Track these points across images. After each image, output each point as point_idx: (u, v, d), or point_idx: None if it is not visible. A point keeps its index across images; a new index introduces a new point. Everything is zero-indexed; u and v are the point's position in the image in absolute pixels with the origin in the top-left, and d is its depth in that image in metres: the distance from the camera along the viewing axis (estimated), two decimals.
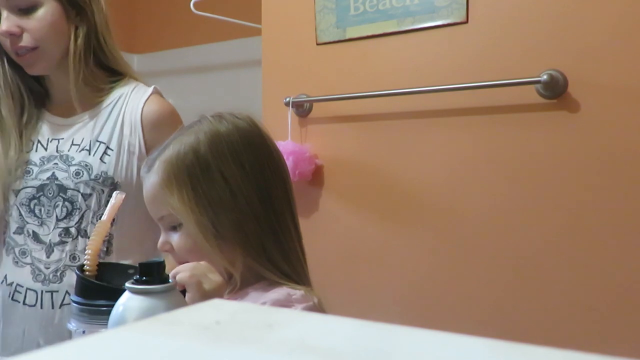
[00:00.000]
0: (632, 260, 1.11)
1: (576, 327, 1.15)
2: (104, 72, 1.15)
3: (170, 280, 0.58)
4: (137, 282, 0.56)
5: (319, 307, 0.72)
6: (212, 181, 0.73)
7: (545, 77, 1.14)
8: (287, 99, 1.45)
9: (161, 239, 0.77)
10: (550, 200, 1.18)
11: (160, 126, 1.09)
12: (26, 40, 1.04)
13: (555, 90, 1.17)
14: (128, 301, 0.56)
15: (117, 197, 0.76)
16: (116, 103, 1.11)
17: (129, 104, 1.10)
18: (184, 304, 0.59)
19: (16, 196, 1.09)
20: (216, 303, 0.33)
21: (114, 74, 1.16)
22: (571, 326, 1.16)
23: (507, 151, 1.23)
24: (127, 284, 0.56)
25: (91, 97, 1.12)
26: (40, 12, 1.04)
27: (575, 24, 1.16)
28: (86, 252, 0.71)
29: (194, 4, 1.97)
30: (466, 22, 1.26)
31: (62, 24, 1.07)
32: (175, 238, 0.75)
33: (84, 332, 0.63)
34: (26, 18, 1.04)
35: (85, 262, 0.70)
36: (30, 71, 1.09)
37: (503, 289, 1.23)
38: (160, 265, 0.58)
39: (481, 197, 1.26)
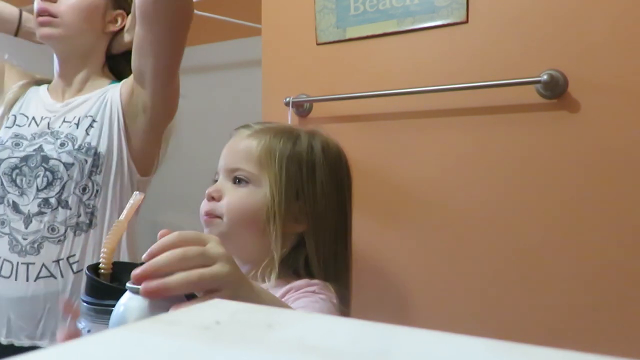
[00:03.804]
0: (633, 259, 1.11)
1: (576, 327, 1.15)
2: (110, 73, 1.24)
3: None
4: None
5: (334, 303, 0.77)
6: (312, 181, 0.84)
7: (545, 77, 1.14)
8: (287, 99, 1.45)
9: (214, 187, 0.84)
10: (551, 200, 1.18)
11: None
12: (52, 7, 1.13)
13: (555, 90, 1.17)
14: (129, 301, 0.56)
15: (135, 198, 0.76)
16: (109, 90, 1.17)
17: (117, 88, 1.17)
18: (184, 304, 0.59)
19: (0, 165, 1.10)
20: (216, 303, 0.33)
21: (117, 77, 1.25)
22: (571, 326, 1.16)
23: (507, 151, 1.23)
24: (128, 284, 0.56)
25: (91, 88, 1.19)
26: None
27: (575, 24, 1.16)
28: (102, 250, 0.71)
29: (194, 4, 1.97)
30: (466, 22, 1.26)
31: (94, 15, 1.16)
32: (239, 190, 0.82)
33: (89, 331, 0.64)
34: None
35: (100, 261, 0.70)
36: (41, 36, 1.15)
37: (504, 289, 1.23)
38: None
39: (481, 197, 1.26)
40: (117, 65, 1.24)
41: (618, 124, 1.12)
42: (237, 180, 0.83)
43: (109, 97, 1.15)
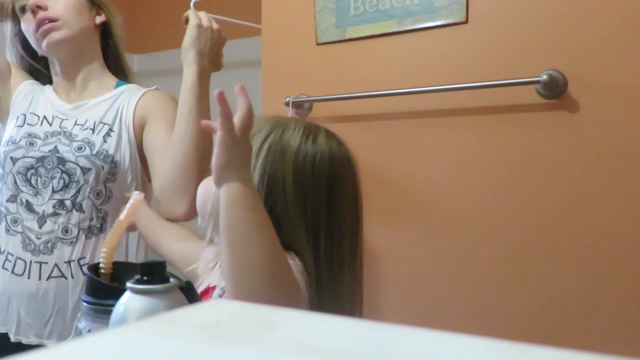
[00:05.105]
0: (632, 259, 1.11)
1: (576, 327, 1.15)
2: (109, 72, 1.25)
3: (170, 280, 0.58)
4: (138, 281, 0.57)
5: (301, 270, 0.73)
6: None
7: (545, 77, 1.14)
8: (287, 99, 1.45)
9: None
10: (550, 199, 1.18)
11: (155, 99, 1.18)
12: (49, 12, 1.14)
13: (555, 90, 1.17)
14: (129, 301, 0.56)
15: (136, 198, 0.76)
16: (120, 95, 1.19)
17: (129, 96, 1.18)
18: (184, 303, 0.59)
19: (14, 164, 1.11)
20: (216, 303, 0.33)
21: (119, 76, 1.27)
22: (571, 325, 1.16)
23: (507, 151, 1.23)
24: (128, 284, 0.57)
25: (96, 88, 1.20)
26: None
27: (575, 24, 1.16)
28: (102, 250, 0.71)
29: (194, 4, 1.96)
30: (466, 22, 1.26)
31: (84, 10, 1.18)
32: None
33: (89, 330, 0.64)
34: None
35: (100, 261, 0.71)
36: (48, 43, 1.15)
37: (504, 288, 1.23)
38: (161, 266, 0.58)
39: (481, 197, 1.26)
40: (113, 63, 1.26)
41: (618, 124, 1.12)
42: None
43: (121, 107, 1.16)
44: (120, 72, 1.26)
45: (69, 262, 1.08)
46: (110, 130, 1.13)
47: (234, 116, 0.65)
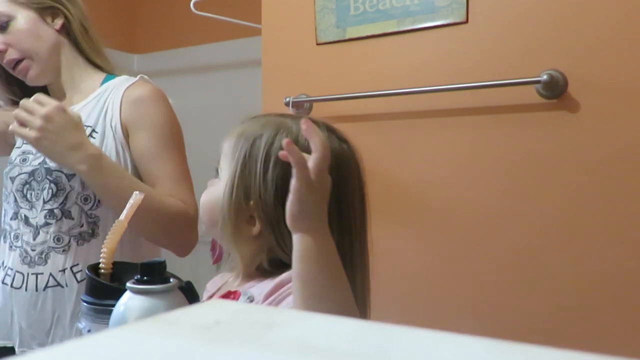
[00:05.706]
0: (633, 260, 1.11)
1: (577, 327, 1.15)
2: (93, 67, 1.21)
3: (170, 280, 0.58)
4: (138, 282, 0.57)
5: None
6: (264, 177, 0.74)
7: (545, 77, 1.14)
8: (287, 99, 1.45)
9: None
10: (550, 200, 1.18)
11: (138, 102, 1.12)
12: (11, 54, 1.11)
13: (555, 90, 1.17)
14: (129, 301, 0.56)
15: (135, 198, 0.76)
16: (104, 92, 1.16)
17: (115, 91, 1.15)
18: (184, 303, 0.59)
19: (12, 183, 1.11)
20: (216, 303, 0.33)
21: (102, 70, 1.22)
22: (572, 326, 1.16)
23: (507, 151, 1.23)
24: (128, 284, 0.57)
25: (82, 91, 1.18)
26: (15, 25, 1.11)
27: (575, 24, 1.16)
28: (102, 250, 0.71)
29: (194, 4, 1.97)
30: (466, 22, 1.26)
31: (40, 28, 1.13)
32: (210, 186, 0.78)
33: (89, 330, 0.64)
34: (6, 34, 1.11)
35: (100, 261, 0.71)
36: (30, 81, 1.15)
37: (503, 288, 1.23)
38: (161, 266, 0.58)
39: (481, 197, 1.26)
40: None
41: (618, 124, 1.12)
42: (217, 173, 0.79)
43: (108, 105, 1.13)
44: (99, 66, 1.21)
45: (63, 270, 1.08)
46: (93, 131, 1.11)
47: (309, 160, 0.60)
